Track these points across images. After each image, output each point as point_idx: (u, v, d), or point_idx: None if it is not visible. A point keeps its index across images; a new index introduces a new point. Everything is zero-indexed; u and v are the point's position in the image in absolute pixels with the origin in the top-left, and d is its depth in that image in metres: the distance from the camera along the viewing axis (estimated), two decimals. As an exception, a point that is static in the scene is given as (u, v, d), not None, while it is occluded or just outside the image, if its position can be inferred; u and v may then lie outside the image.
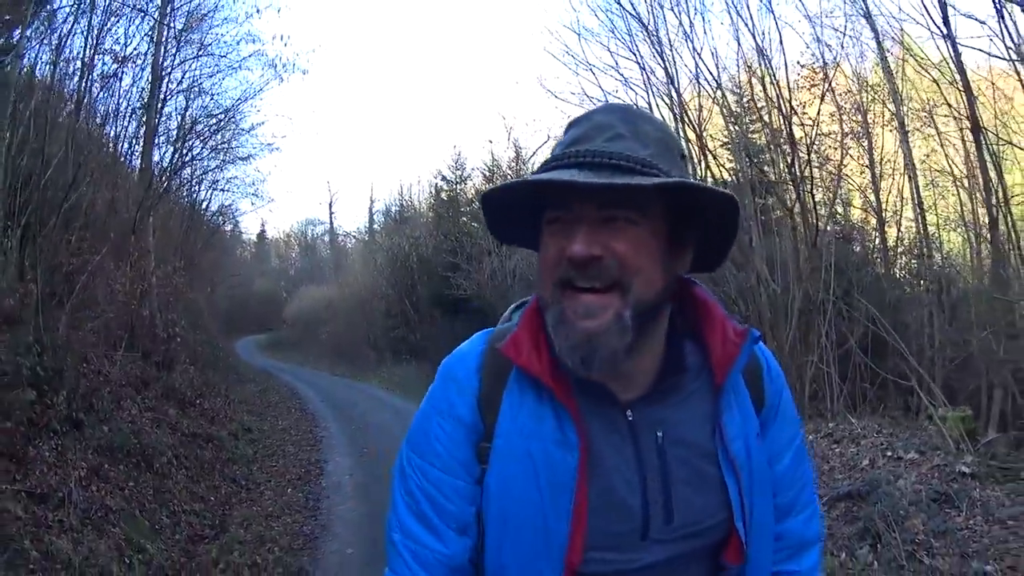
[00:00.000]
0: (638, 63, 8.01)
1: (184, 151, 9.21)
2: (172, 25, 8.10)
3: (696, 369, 0.93)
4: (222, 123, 9.89)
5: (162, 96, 8.35)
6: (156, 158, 8.61)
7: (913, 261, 7.82)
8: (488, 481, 0.89)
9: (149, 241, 7.98)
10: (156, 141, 8.53)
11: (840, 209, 8.27)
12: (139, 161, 8.36)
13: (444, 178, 20.48)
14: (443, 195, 20.61)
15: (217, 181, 12.58)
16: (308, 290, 32.23)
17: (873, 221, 7.95)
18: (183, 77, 8.70)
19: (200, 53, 8.75)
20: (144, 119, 8.11)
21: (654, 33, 7.69)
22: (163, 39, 8.10)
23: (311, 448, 7.95)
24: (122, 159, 8.07)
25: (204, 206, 13.76)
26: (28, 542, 3.66)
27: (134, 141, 8.29)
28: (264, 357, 22.37)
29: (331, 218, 42.36)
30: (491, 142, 30.75)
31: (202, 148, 9.75)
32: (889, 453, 4.92)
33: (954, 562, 3.43)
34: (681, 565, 0.89)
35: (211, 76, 9.24)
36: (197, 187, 11.96)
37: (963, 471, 4.33)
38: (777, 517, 0.98)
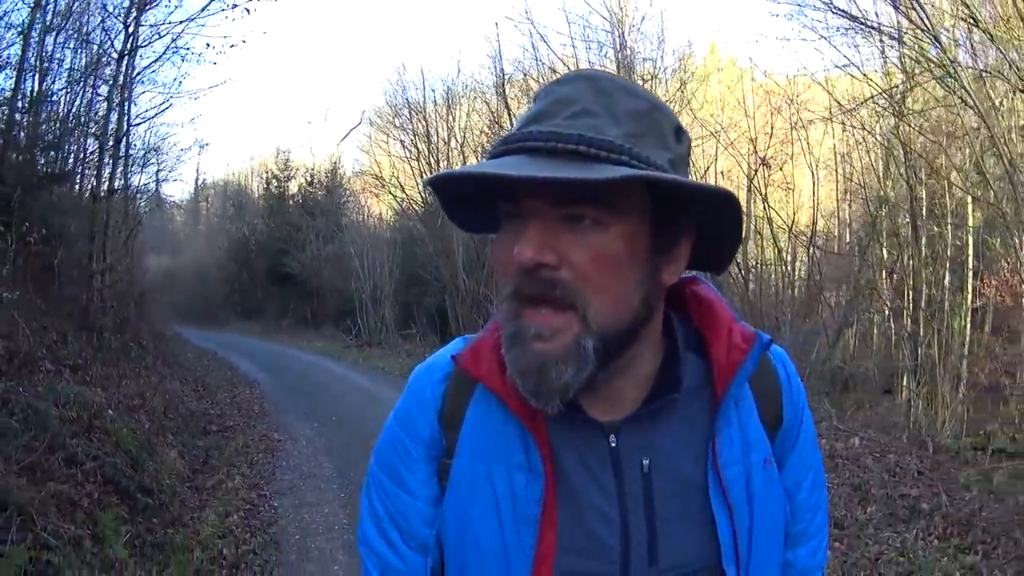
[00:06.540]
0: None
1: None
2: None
3: (697, 384, 0.76)
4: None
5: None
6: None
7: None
8: (445, 505, 0.77)
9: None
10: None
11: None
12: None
13: (274, 175, 24.77)
14: (272, 189, 24.87)
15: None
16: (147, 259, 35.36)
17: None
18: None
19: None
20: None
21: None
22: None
23: (222, 358, 14.38)
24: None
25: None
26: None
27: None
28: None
29: (157, 187, 43.76)
30: (310, 122, 35.96)
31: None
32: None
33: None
34: None
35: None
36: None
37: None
38: (785, 545, 0.82)
